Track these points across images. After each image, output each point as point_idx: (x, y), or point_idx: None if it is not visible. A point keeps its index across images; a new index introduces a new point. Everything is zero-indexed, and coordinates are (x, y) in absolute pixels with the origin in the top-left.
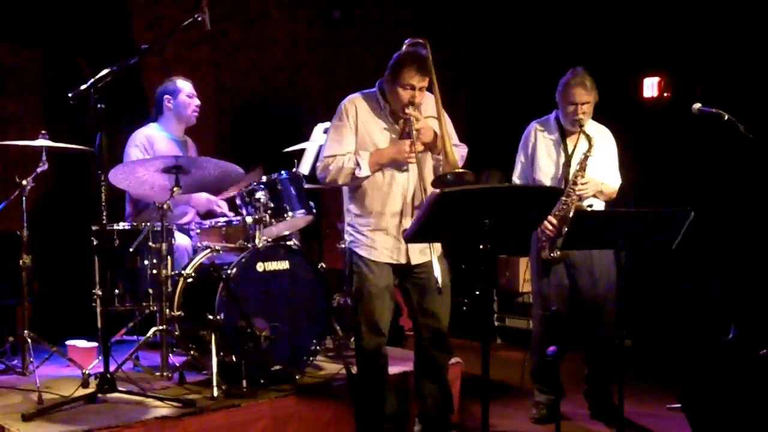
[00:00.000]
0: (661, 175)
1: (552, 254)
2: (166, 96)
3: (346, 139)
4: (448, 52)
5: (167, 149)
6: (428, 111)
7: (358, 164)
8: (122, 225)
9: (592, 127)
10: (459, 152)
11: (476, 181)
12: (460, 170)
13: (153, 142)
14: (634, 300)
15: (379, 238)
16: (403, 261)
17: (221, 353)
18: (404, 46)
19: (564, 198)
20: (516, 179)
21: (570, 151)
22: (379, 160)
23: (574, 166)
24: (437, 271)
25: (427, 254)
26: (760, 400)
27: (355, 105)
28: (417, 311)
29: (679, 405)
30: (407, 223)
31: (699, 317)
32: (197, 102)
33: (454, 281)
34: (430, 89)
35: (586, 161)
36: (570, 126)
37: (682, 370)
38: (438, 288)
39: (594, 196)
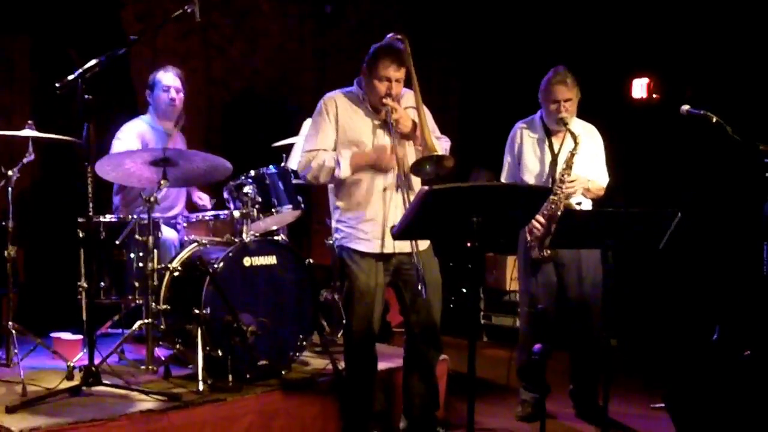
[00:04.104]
0: (650, 175)
1: (542, 254)
2: (147, 90)
3: (325, 134)
4: (439, 50)
5: (153, 142)
6: (406, 104)
7: (338, 163)
8: (109, 217)
9: (578, 125)
10: (442, 145)
11: (455, 167)
12: (438, 154)
13: (140, 136)
14: (620, 299)
15: (368, 228)
16: (393, 250)
17: (207, 347)
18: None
19: (552, 197)
20: (504, 180)
21: (556, 149)
22: (359, 162)
23: (560, 165)
24: (419, 265)
25: (417, 243)
26: (744, 401)
27: (335, 101)
28: (409, 308)
29: (664, 405)
30: (392, 211)
31: (684, 318)
32: (173, 95)
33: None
34: (409, 84)
35: (572, 159)
36: (554, 124)
37: (666, 370)
38: (420, 284)
39: (581, 194)
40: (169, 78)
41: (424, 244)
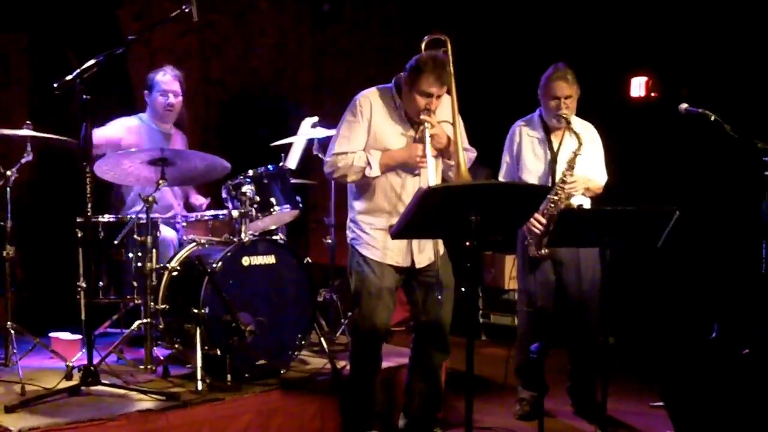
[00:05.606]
0: (648, 174)
1: (539, 252)
2: (146, 90)
3: (357, 137)
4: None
5: (148, 140)
6: (443, 113)
7: (368, 163)
8: (107, 217)
9: (577, 124)
10: (468, 156)
11: (489, 177)
12: (470, 183)
13: (130, 131)
14: (618, 298)
15: (385, 237)
16: (407, 264)
17: (206, 347)
18: (423, 44)
19: (553, 197)
20: (502, 180)
21: (555, 148)
22: (389, 162)
23: (561, 164)
24: (441, 274)
25: (432, 257)
26: (742, 399)
27: (370, 102)
28: (420, 309)
29: (662, 403)
30: None
31: (682, 316)
32: (171, 100)
33: None
34: (447, 92)
35: (574, 160)
36: (554, 122)
37: (665, 368)
38: (438, 293)
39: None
40: (167, 81)
41: (440, 250)
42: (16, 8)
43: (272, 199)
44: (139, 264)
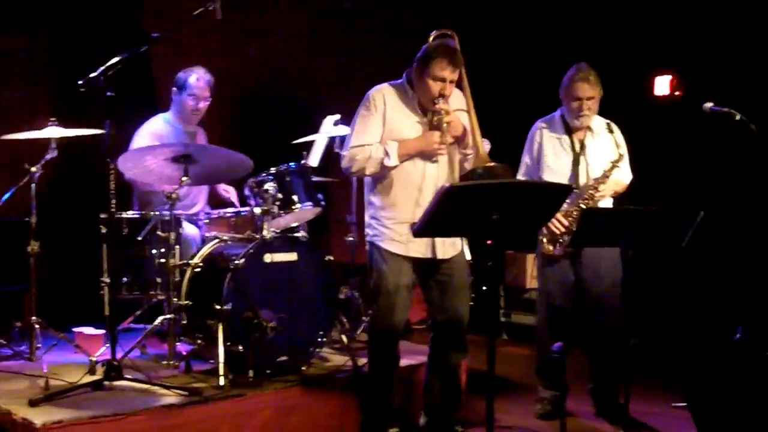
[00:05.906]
0: (672, 173)
1: (555, 251)
2: (175, 87)
3: (372, 129)
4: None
5: (175, 141)
6: (455, 105)
7: (387, 153)
8: (131, 213)
9: (600, 123)
10: (483, 147)
11: (507, 173)
12: (491, 164)
13: (156, 136)
14: (640, 298)
15: (406, 230)
16: (429, 255)
17: (228, 343)
18: (431, 38)
19: (580, 201)
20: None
21: (578, 148)
22: (407, 151)
23: (584, 164)
24: (468, 258)
25: (458, 246)
26: (766, 401)
27: (384, 95)
28: (437, 308)
29: (685, 404)
30: None
31: (706, 317)
32: (202, 104)
33: None
34: (459, 83)
35: (611, 171)
36: (575, 122)
37: (688, 369)
38: (462, 281)
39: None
40: (200, 86)
41: (458, 248)
42: (39, 7)
43: (294, 197)
44: (162, 260)
